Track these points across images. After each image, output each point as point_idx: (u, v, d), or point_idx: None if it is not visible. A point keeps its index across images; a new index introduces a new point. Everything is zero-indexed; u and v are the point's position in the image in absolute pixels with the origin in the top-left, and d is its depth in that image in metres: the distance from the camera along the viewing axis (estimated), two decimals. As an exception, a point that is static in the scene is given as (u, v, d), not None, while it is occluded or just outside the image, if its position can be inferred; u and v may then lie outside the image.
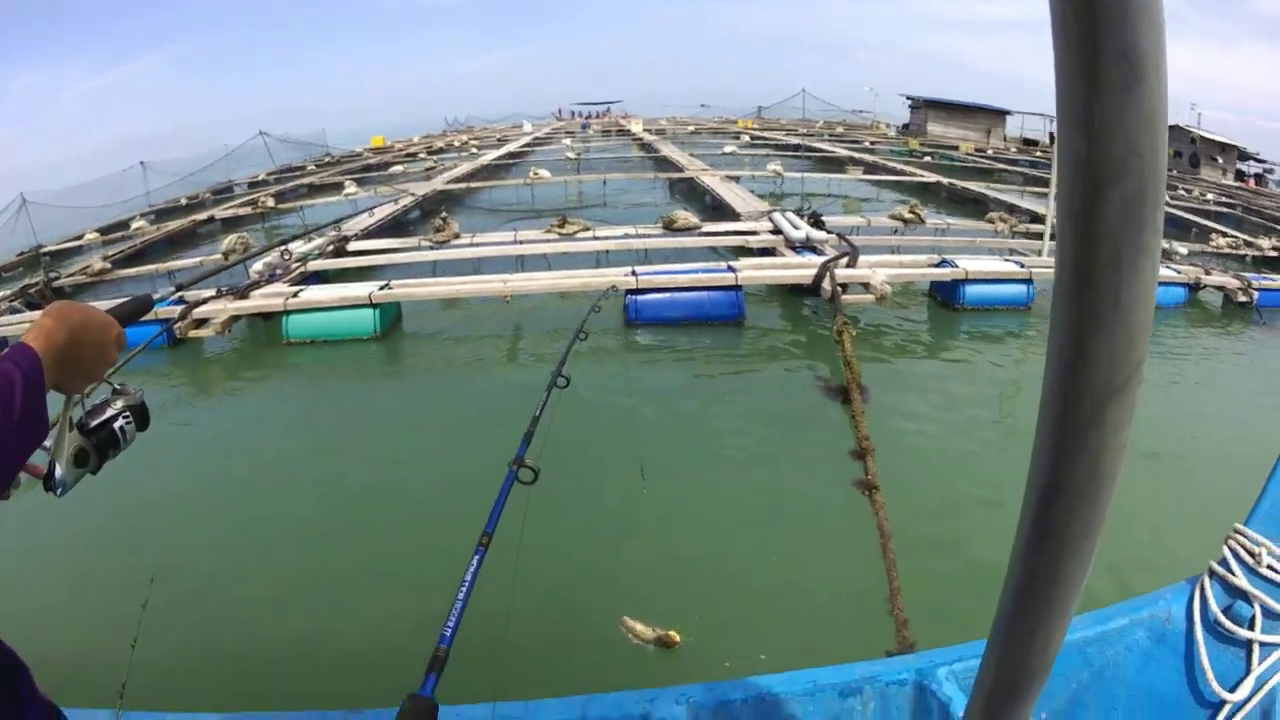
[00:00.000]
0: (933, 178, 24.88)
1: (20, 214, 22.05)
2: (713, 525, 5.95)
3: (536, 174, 23.17)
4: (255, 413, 8.80)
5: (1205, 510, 5.42)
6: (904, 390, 8.65)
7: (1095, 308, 0.59)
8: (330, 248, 13.56)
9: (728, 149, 33.07)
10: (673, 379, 9.11)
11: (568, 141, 39.73)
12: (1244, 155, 37.35)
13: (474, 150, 37.87)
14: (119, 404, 1.45)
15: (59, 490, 1.32)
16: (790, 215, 14.41)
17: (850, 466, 6.42)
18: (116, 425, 1.42)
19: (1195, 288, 12.55)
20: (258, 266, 11.84)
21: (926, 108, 47.00)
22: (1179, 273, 12.51)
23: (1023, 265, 11.86)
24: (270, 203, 22.29)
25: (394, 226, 17.22)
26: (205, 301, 10.28)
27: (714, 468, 6.84)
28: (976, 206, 20.38)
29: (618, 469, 6.28)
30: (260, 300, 10.64)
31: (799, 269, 11.50)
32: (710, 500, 6.31)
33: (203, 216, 21.36)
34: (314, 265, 12.70)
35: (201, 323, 10.13)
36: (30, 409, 1.13)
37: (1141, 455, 6.60)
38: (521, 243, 14.06)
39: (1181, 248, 15.04)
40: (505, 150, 36.23)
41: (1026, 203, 19.64)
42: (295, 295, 10.57)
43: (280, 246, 11.92)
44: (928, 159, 32.22)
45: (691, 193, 22.34)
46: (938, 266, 11.85)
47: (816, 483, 6.54)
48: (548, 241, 13.93)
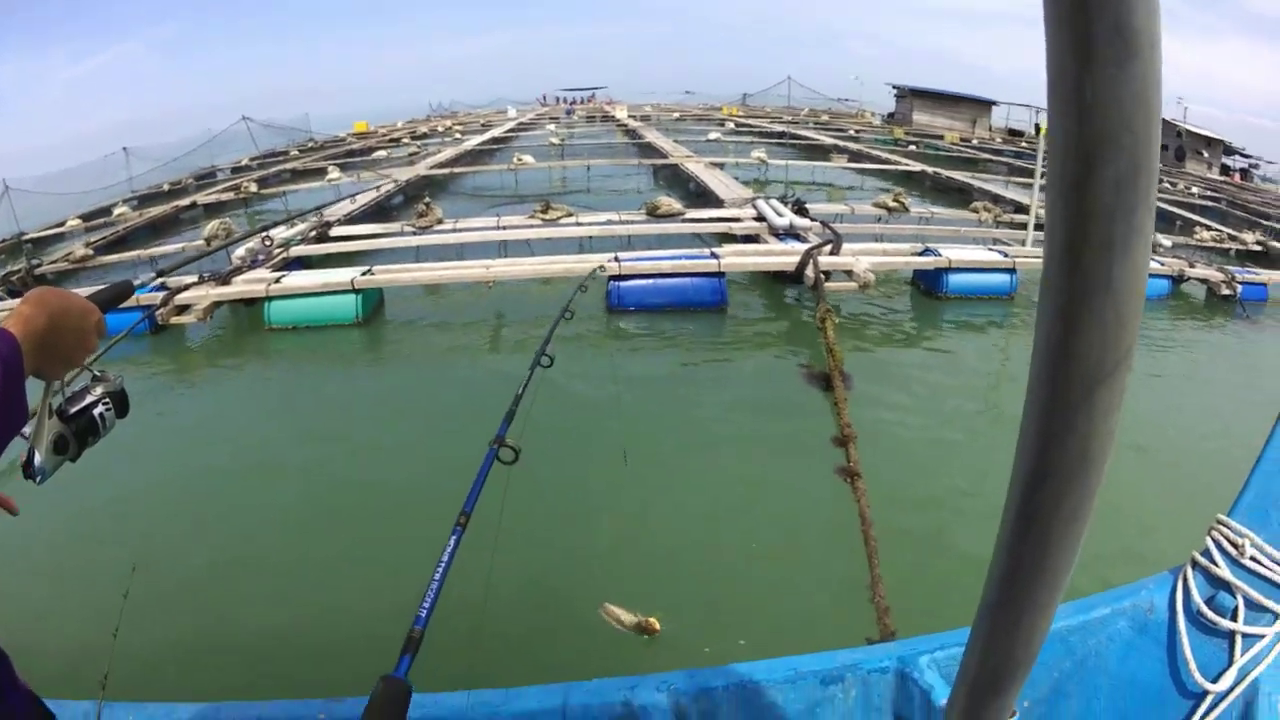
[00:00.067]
0: (917, 167, 24.91)
1: (2, 200, 21.77)
2: (694, 511, 5.95)
3: (520, 159, 23.08)
4: (237, 399, 8.73)
5: (1186, 501, 5.48)
6: (886, 378, 8.66)
7: (1086, 289, 0.57)
8: (313, 233, 13.43)
9: (712, 136, 33.03)
10: (655, 365, 9.10)
11: (552, 127, 39.60)
12: (1230, 150, 37.61)
13: (458, 135, 37.62)
14: (99, 390, 1.43)
15: (39, 478, 1.31)
16: (774, 202, 14.39)
17: (832, 454, 6.43)
18: (96, 412, 1.41)
19: (1179, 280, 12.62)
20: (240, 252, 11.73)
21: (912, 97, 46.97)
22: (1163, 264, 12.55)
23: (1006, 255, 11.86)
24: (253, 188, 22.09)
25: (377, 212, 17.09)
26: (187, 288, 10.16)
27: (696, 453, 6.83)
28: (961, 196, 20.39)
29: (599, 453, 6.27)
30: (242, 286, 10.53)
31: (782, 256, 11.47)
32: (692, 486, 6.31)
33: (185, 202, 21.12)
34: (296, 251, 12.58)
35: (183, 309, 10.03)
36: (9, 395, 1.11)
37: (1123, 446, 6.59)
38: (505, 228, 13.97)
39: (1165, 240, 15.12)
40: (489, 135, 36.01)
41: (1011, 193, 19.70)
42: (277, 281, 10.47)
43: (262, 233, 11.82)
44: (913, 148, 32.19)
45: (675, 179, 22.28)
46: (921, 255, 11.86)
47: (798, 470, 6.54)
48: (531, 227, 13.85)
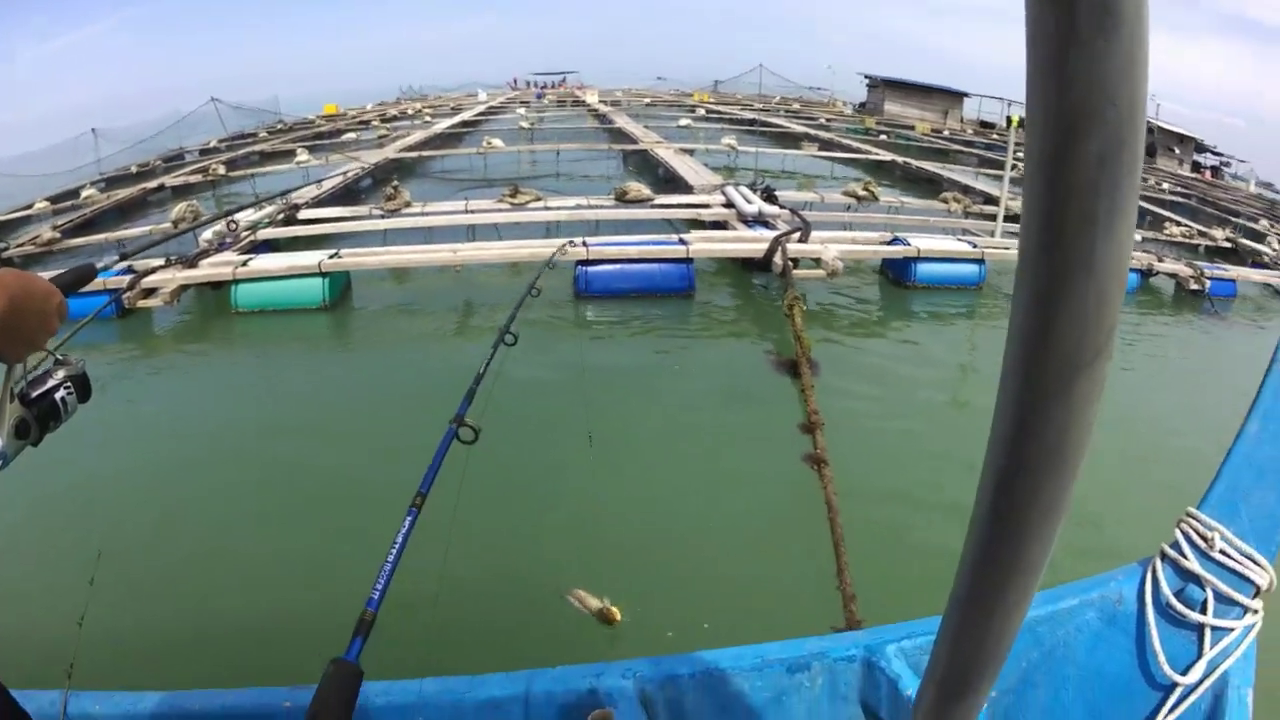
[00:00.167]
0: (888, 156, 25.00)
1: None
2: (658, 496, 5.93)
3: (490, 143, 22.90)
4: (203, 384, 8.59)
5: (1153, 494, 5.54)
6: (854, 366, 8.69)
7: (1066, 269, 0.54)
8: (280, 216, 13.23)
9: (683, 122, 32.94)
10: (622, 350, 9.08)
11: (522, 111, 39.34)
12: (1201, 147, 38.20)
13: (428, 119, 37.27)
14: (60, 374, 1.40)
15: (0, 463, 1.27)
16: (743, 189, 14.36)
17: (799, 441, 6.43)
18: (58, 396, 1.37)
19: (1148, 274, 12.73)
20: (207, 235, 11.53)
21: (884, 87, 47.20)
22: (1132, 258, 12.60)
23: (975, 245, 11.94)
24: (221, 170, 21.71)
25: (345, 194, 16.85)
26: (154, 271, 9.97)
27: (662, 438, 6.82)
28: (931, 186, 20.47)
29: (564, 437, 6.23)
30: (209, 269, 10.34)
31: (751, 243, 11.47)
32: (657, 471, 6.30)
33: (153, 184, 20.73)
34: (264, 234, 12.38)
35: (150, 293, 9.85)
36: None
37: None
38: (473, 212, 13.84)
39: (1135, 235, 15.24)
40: (459, 119, 35.72)
41: (981, 184, 19.84)
42: (244, 264, 10.30)
43: (226, 217, 11.66)
44: (884, 137, 32.34)
45: (645, 165, 22.20)
46: (890, 244, 11.89)
47: (765, 456, 6.53)
48: (499, 211, 13.74)
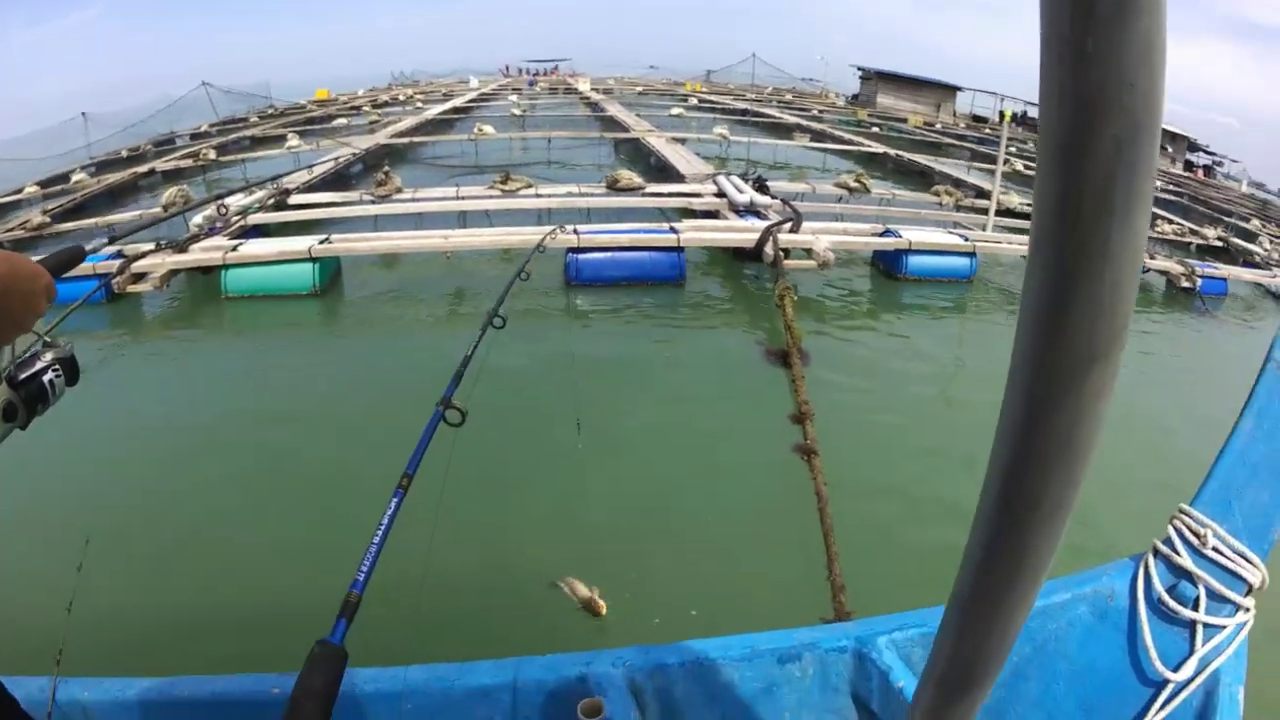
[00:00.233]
0: (880, 148, 24.98)
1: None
2: (647, 484, 5.94)
3: (481, 130, 22.82)
4: (192, 370, 8.55)
5: (1142, 491, 5.54)
6: (844, 357, 8.70)
7: (1082, 258, 0.52)
8: (271, 201, 13.14)
9: (675, 111, 32.82)
10: (612, 338, 9.08)
11: (514, 98, 39.15)
12: (1194, 146, 38.31)
13: (419, 105, 37.08)
14: (48, 357, 1.38)
15: None
16: (735, 179, 14.34)
17: (789, 431, 6.43)
18: (46, 379, 1.36)
19: (1140, 271, 12.74)
20: (197, 220, 11.46)
21: (877, 79, 47.15)
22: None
23: (967, 239, 11.94)
24: (212, 155, 21.56)
25: (336, 180, 16.80)
26: (143, 255, 9.87)
27: (651, 426, 6.82)
28: (923, 179, 20.51)
29: (553, 424, 6.23)
30: (199, 254, 10.25)
31: (742, 232, 11.45)
32: (646, 459, 6.31)
33: (144, 169, 20.51)
34: (254, 219, 12.30)
35: (139, 277, 9.74)
36: None
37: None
38: (464, 198, 13.77)
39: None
40: (450, 105, 35.52)
41: (973, 178, 19.86)
42: (234, 249, 10.23)
43: (217, 200, 11.60)
44: (875, 130, 32.30)
45: (637, 154, 22.16)
46: (881, 236, 11.90)
47: (755, 446, 6.54)
48: (490, 198, 13.69)
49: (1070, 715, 1.97)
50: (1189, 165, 37.14)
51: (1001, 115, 18.15)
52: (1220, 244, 16.95)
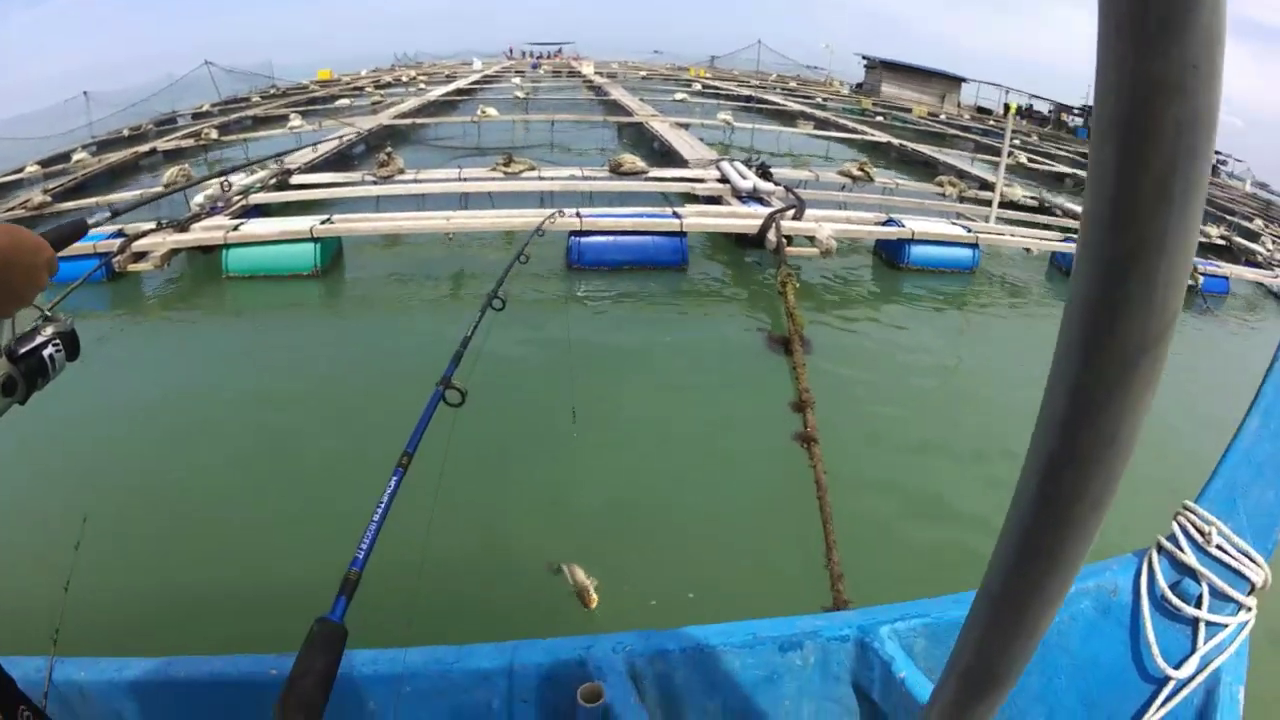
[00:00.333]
0: (884, 138, 24.91)
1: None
2: (647, 469, 5.94)
3: (484, 112, 22.71)
4: (192, 349, 8.52)
5: (1144, 488, 5.53)
6: (846, 345, 8.69)
7: (1138, 247, 0.50)
8: (273, 181, 13.09)
9: (679, 96, 32.69)
10: (613, 322, 9.06)
11: (517, 81, 39.04)
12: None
13: (422, 86, 36.97)
14: (49, 331, 1.35)
15: None
16: (738, 165, 14.30)
17: (790, 418, 6.42)
18: (46, 353, 1.33)
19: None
20: (199, 199, 11.41)
21: (882, 68, 47.04)
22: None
23: (970, 230, 11.90)
24: (214, 134, 21.46)
25: (338, 160, 16.75)
26: (145, 234, 9.83)
27: (651, 413, 6.81)
28: (926, 169, 20.42)
29: (552, 408, 6.21)
30: (200, 233, 10.20)
31: (745, 219, 11.42)
32: (646, 445, 6.30)
33: (145, 148, 20.39)
34: (256, 199, 12.23)
35: (140, 256, 9.71)
36: None
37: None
38: (466, 180, 13.73)
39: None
40: (454, 87, 35.41)
41: (976, 169, 19.81)
42: (236, 229, 10.17)
43: (221, 178, 11.54)
44: (879, 119, 32.20)
45: (640, 138, 22.10)
46: (884, 225, 11.87)
47: (755, 433, 6.54)
48: (493, 180, 13.66)
49: (1071, 710, 1.96)
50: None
51: (1006, 108, 18.03)
52: (1223, 242, 16.90)
